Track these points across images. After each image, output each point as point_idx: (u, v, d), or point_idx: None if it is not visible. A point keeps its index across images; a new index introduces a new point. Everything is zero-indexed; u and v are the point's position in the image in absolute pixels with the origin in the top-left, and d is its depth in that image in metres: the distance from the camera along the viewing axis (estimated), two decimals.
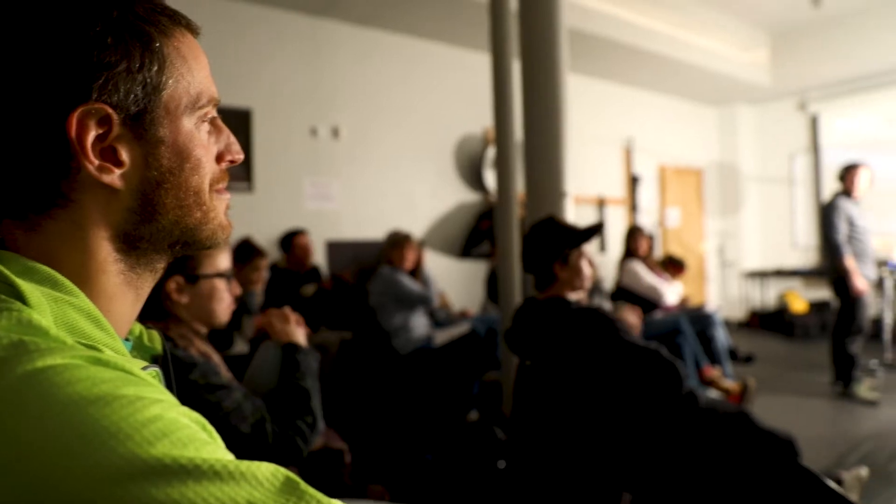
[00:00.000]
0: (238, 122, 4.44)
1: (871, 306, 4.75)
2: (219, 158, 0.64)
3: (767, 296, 8.16)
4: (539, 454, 2.15)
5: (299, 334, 1.53)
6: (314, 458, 1.75)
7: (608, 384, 2.02)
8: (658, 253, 6.99)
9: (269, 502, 0.45)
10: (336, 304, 4.60)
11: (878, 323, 5.45)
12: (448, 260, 5.37)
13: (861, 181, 4.69)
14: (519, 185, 3.19)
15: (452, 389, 3.83)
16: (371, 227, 4.86)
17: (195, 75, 0.61)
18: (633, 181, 6.91)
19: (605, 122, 6.88)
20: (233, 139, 0.66)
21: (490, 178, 5.35)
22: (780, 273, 7.96)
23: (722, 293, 8.35)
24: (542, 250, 2.18)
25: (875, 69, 6.89)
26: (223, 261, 1.46)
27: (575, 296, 2.29)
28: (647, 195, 7.27)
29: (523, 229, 2.68)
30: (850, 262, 4.50)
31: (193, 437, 0.46)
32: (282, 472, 0.47)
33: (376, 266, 4.17)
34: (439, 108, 5.41)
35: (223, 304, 1.45)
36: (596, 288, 4.11)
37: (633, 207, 6.91)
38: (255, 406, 1.30)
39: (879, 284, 5.22)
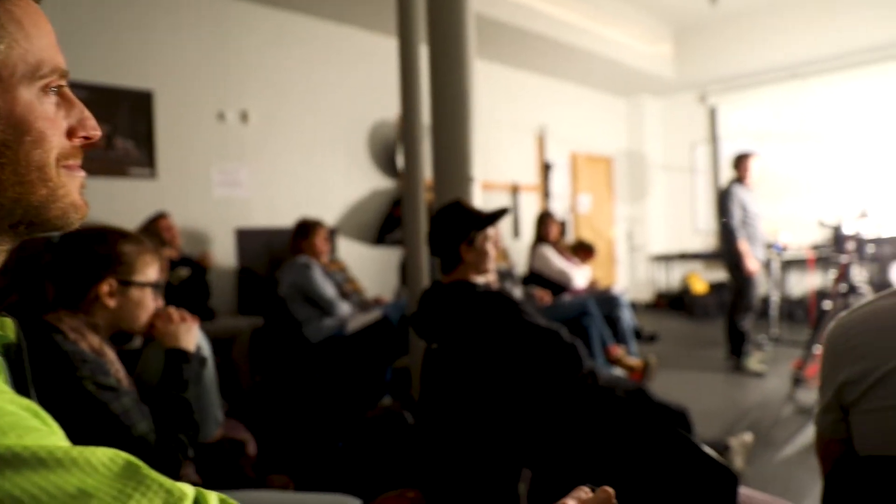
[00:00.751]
0: (137, 103, 4.23)
1: (761, 286, 5.09)
2: (70, 133, 0.61)
3: (672, 278, 8.59)
4: (444, 436, 2.19)
5: (187, 337, 1.48)
6: (212, 449, 1.71)
7: (511, 365, 2.07)
8: (570, 238, 7.21)
9: (105, 488, 0.43)
10: (244, 291, 4.51)
11: (766, 301, 5.84)
12: (363, 247, 5.34)
13: (753, 170, 5.00)
14: (427, 171, 3.20)
15: (365, 376, 3.83)
16: (283, 215, 4.75)
17: (34, 42, 0.57)
18: (546, 168, 7.08)
19: (518, 110, 7.00)
20: (87, 114, 0.62)
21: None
22: (683, 256, 8.40)
23: (631, 276, 8.71)
24: (448, 233, 2.19)
25: (765, 66, 7.34)
26: (156, 271, 1.44)
27: (481, 279, 2.34)
28: (560, 182, 7.47)
29: (431, 214, 2.70)
30: (743, 244, 4.81)
31: (16, 423, 0.43)
32: (122, 456, 0.45)
33: (289, 255, 4.11)
34: (353, 93, 5.35)
35: (146, 314, 1.43)
36: (507, 272, 4.19)
37: (545, 194, 7.08)
38: (142, 413, 1.27)
39: (767, 265, 5.58)
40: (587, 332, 3.97)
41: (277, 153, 4.90)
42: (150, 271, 1.42)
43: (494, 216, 2.27)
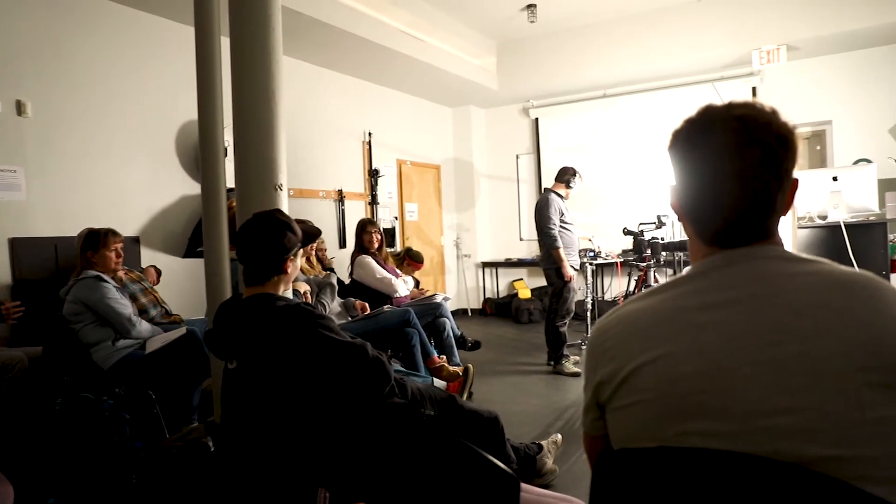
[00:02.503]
0: None
1: (577, 291, 5.36)
2: None
3: (499, 285, 8.87)
4: (244, 461, 1.99)
5: None
6: None
7: (311, 383, 1.91)
8: (399, 246, 7.17)
9: None
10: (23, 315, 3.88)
11: (581, 305, 6.18)
12: (170, 258, 4.86)
13: (571, 179, 5.27)
14: (230, 177, 2.94)
15: (168, 400, 3.44)
16: (73, 223, 4.15)
17: None
18: (373, 175, 6.98)
19: (345, 116, 6.84)
20: None
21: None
22: (510, 263, 8.71)
23: (460, 284, 8.87)
24: (278, 245, 2.01)
25: (581, 84, 7.85)
26: None
27: (288, 292, 2.18)
28: (387, 189, 7.40)
29: (239, 223, 2.47)
30: (560, 251, 5.02)
31: None
32: None
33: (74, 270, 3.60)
34: (159, 88, 4.86)
35: None
36: (326, 282, 4.00)
37: (372, 201, 6.97)
38: None
39: (582, 271, 5.90)
40: (409, 342, 3.89)
41: (65, 152, 4.29)
42: None
43: (315, 234, 2.25)
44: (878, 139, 6.59)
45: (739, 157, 0.93)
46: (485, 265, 8.91)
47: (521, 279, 8.68)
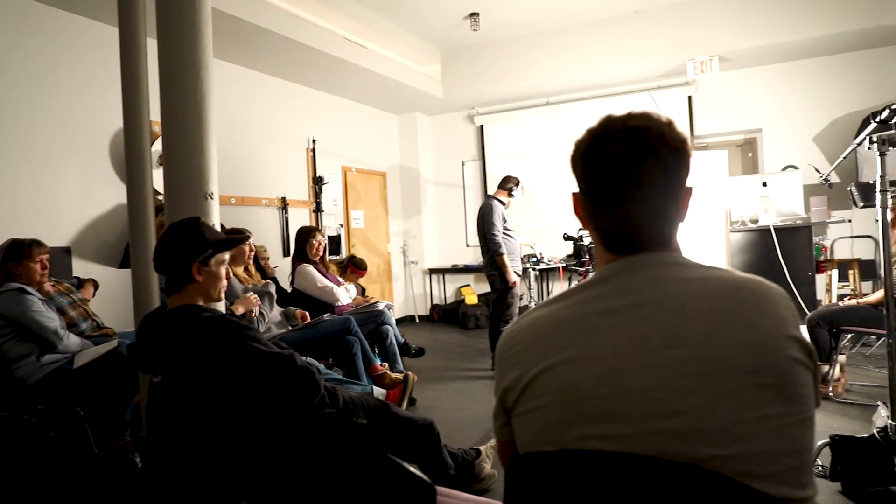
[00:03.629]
0: None
1: (521, 296, 5.41)
2: None
3: (447, 291, 8.90)
4: (170, 476, 1.94)
5: None
6: None
7: (237, 395, 1.88)
8: (345, 254, 7.11)
9: None
10: None
11: (524, 310, 6.24)
12: (104, 269, 4.70)
13: (513, 188, 5.33)
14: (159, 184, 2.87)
15: (99, 416, 3.32)
16: None
17: None
18: (317, 183, 6.91)
19: (289, 123, 6.76)
20: None
21: (157, 177, 4.82)
22: (456, 270, 8.74)
23: (408, 291, 8.85)
24: (182, 250, 1.98)
25: (525, 92, 7.96)
26: None
27: (212, 303, 2.13)
28: (332, 197, 7.34)
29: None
30: (504, 257, 5.07)
31: None
32: None
33: None
34: (90, 93, 4.70)
35: None
36: (264, 291, 3.94)
37: (317, 209, 6.90)
38: None
39: (525, 276, 5.97)
40: (350, 350, 3.86)
41: None
42: None
43: (235, 240, 2.16)
44: (804, 147, 6.89)
45: (634, 167, 0.96)
46: (432, 272, 8.92)
47: (469, 285, 8.72)
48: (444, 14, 6.72)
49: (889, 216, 2.67)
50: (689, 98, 7.44)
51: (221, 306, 2.73)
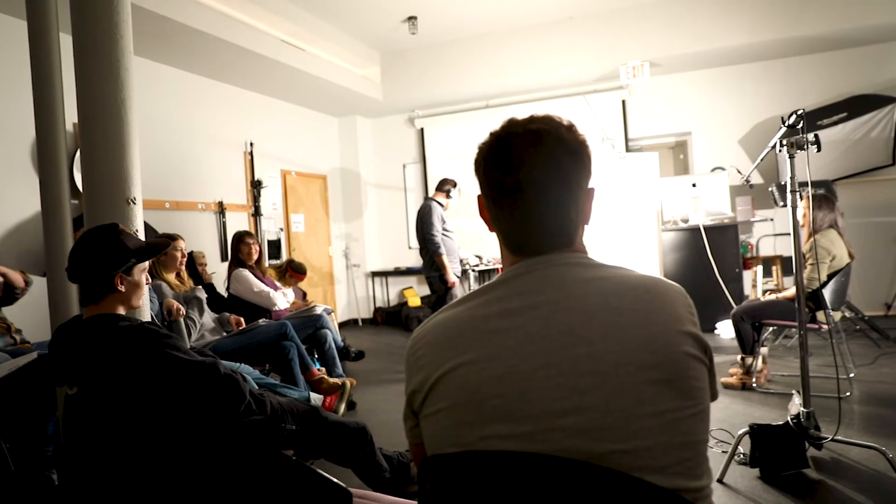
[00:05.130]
0: None
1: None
2: None
3: (390, 294, 8.88)
4: (87, 493, 1.88)
5: None
6: None
7: (159, 405, 1.84)
8: (285, 258, 7.01)
9: None
10: None
11: None
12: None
13: (451, 189, 5.38)
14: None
15: (19, 431, 3.19)
16: None
17: None
18: (256, 186, 6.80)
19: (225, 125, 6.62)
20: None
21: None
22: (399, 272, 8.74)
23: (350, 294, 8.80)
24: (103, 259, 1.91)
25: (464, 95, 8.02)
26: None
27: (132, 311, 2.08)
28: (272, 200, 7.23)
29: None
30: (443, 258, 5.11)
31: None
32: None
33: None
34: (8, 93, 4.51)
35: None
36: (192, 297, 3.85)
37: (256, 213, 6.79)
38: None
39: (465, 277, 6.02)
40: (286, 355, 3.82)
41: None
42: None
43: (158, 248, 2.11)
44: (731, 149, 7.19)
45: (535, 170, 0.98)
46: (374, 274, 8.89)
47: (411, 287, 8.73)
48: (382, 17, 6.71)
49: (799, 215, 2.82)
50: (623, 102, 7.65)
51: (146, 312, 2.67)
